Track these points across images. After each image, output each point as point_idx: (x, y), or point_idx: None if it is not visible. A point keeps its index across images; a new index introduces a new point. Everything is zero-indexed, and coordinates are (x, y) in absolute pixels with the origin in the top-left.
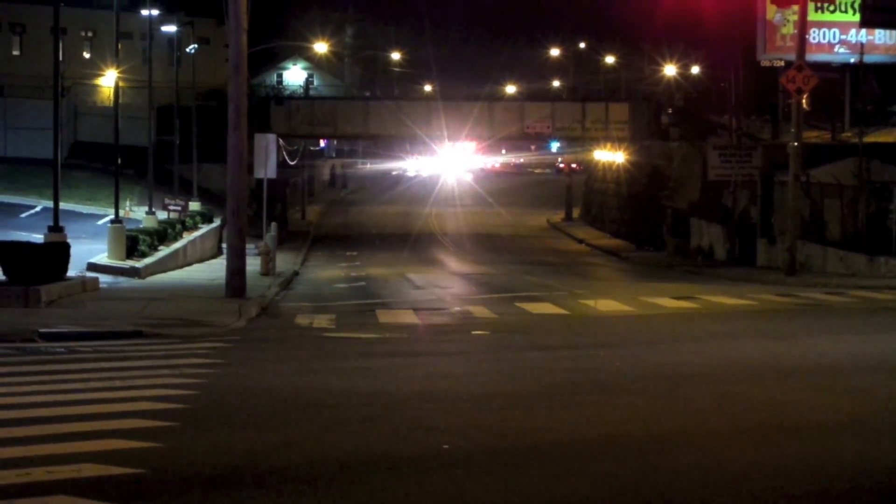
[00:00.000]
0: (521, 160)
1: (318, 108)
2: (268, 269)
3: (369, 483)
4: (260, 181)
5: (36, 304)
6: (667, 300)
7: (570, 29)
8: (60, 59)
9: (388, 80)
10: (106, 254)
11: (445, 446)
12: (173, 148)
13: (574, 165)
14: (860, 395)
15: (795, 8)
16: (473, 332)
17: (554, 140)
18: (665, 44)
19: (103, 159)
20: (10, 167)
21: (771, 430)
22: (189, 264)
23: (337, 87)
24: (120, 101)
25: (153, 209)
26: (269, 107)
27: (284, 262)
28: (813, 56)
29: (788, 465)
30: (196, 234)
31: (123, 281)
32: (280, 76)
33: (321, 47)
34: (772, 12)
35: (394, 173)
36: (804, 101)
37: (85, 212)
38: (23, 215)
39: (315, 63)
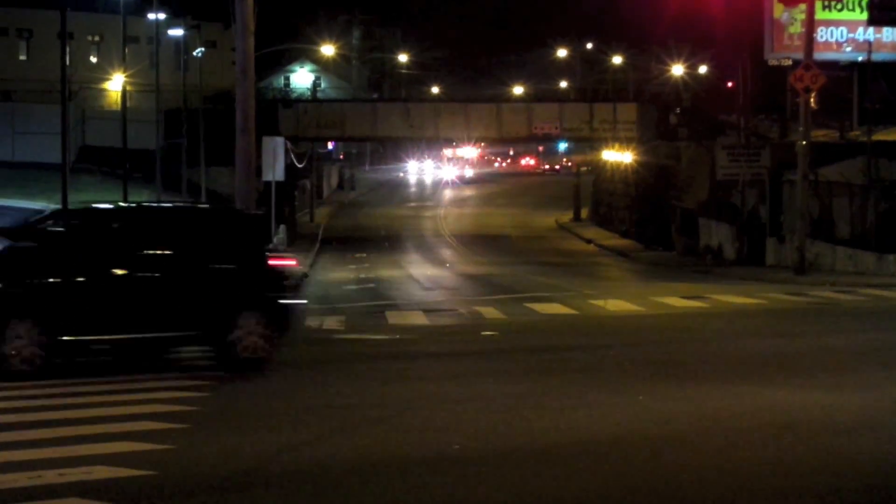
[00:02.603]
0: (530, 161)
1: (325, 110)
2: None
3: (380, 484)
4: (268, 184)
5: None
6: (676, 300)
7: (578, 29)
8: (68, 63)
9: (395, 82)
10: None
11: (456, 447)
12: (181, 151)
13: (558, 167)
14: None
15: (803, 6)
16: (483, 333)
17: (562, 140)
18: (672, 44)
19: (111, 163)
20: (19, 172)
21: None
22: None
23: (344, 90)
24: (127, 104)
25: None
26: (277, 109)
27: None
28: (820, 55)
29: (800, 463)
30: None
31: None
32: (287, 79)
33: (328, 50)
34: (779, 11)
35: (402, 175)
36: (812, 99)
37: None
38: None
39: (322, 65)
